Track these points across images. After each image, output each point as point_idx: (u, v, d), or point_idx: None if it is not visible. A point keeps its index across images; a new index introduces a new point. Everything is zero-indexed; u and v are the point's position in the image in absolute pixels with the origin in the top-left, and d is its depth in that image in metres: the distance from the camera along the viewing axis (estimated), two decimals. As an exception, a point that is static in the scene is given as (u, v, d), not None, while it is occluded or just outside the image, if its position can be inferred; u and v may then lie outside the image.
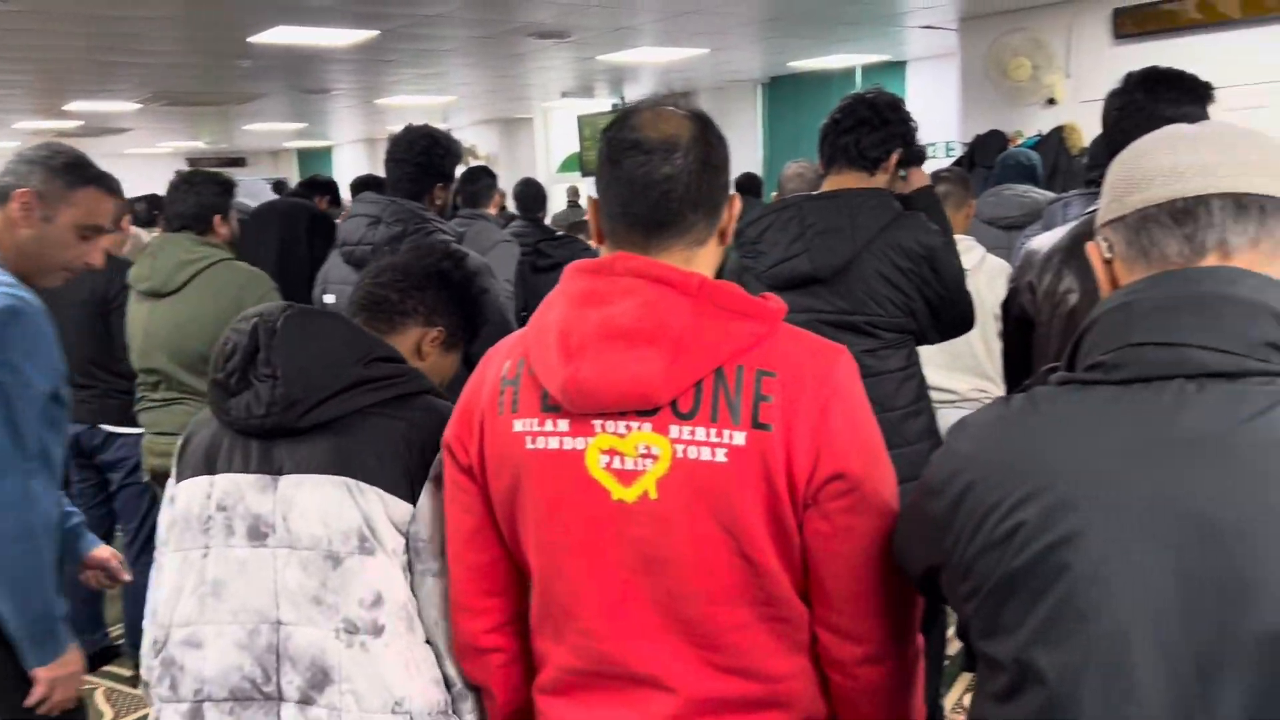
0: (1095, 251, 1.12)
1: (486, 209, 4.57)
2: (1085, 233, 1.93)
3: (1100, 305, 1.06)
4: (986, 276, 3.30)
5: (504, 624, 1.42)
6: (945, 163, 8.02)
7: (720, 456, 1.20)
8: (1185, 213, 1.02)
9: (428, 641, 1.51)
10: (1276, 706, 0.88)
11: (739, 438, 1.20)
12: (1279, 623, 0.88)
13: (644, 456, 1.22)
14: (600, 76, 10.62)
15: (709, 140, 1.27)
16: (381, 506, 1.48)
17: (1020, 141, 7.14)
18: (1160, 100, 2.06)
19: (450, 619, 1.46)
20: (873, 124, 2.44)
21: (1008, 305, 2.26)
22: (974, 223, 3.81)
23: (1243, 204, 1.01)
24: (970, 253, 3.29)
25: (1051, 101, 7.29)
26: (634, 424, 1.22)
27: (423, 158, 2.93)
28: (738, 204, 1.33)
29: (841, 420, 1.22)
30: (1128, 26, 6.87)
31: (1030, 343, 2.15)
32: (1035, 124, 7.32)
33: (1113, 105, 2.11)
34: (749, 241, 2.54)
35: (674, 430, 1.21)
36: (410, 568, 1.51)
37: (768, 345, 1.24)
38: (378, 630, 1.46)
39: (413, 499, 1.49)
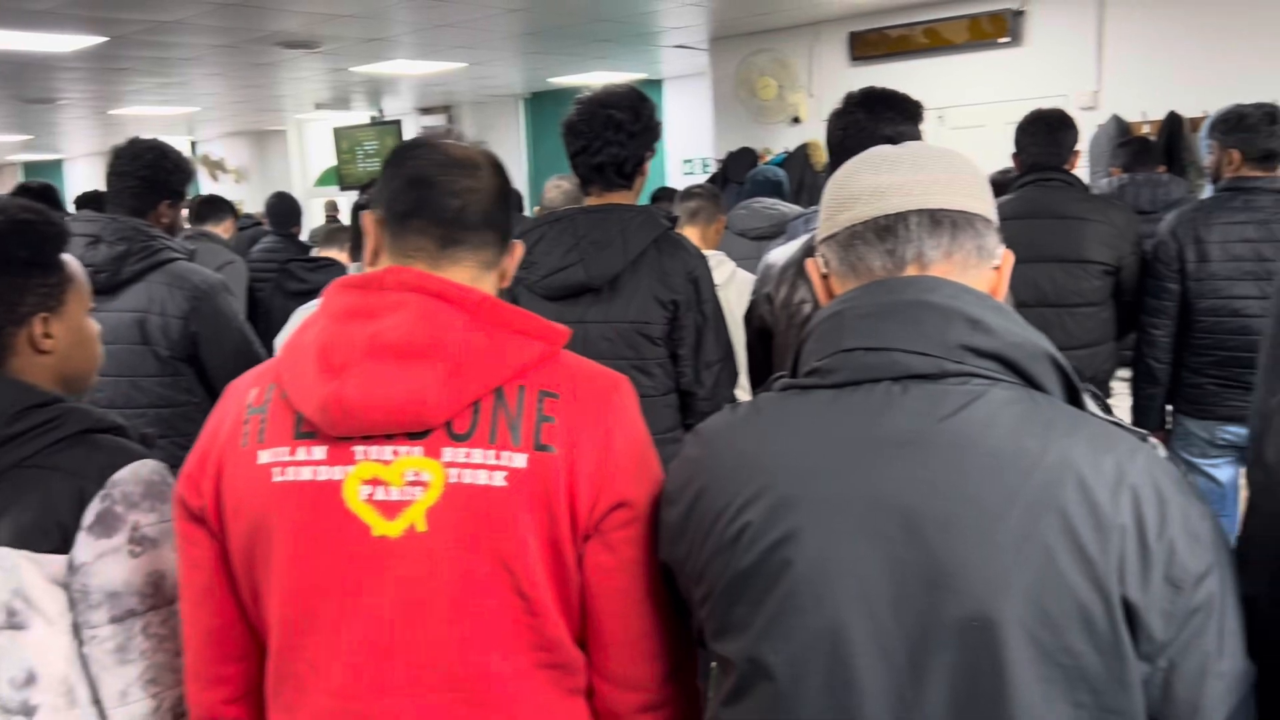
0: (814, 267, 1.17)
1: (216, 229, 4.36)
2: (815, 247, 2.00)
3: (818, 315, 1.11)
4: (737, 290, 3.41)
5: (246, 694, 1.27)
6: (702, 178, 8.30)
7: (499, 480, 1.13)
8: (887, 229, 1.08)
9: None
10: (977, 688, 0.94)
11: (519, 460, 1.13)
12: (976, 608, 0.93)
13: (412, 485, 1.13)
14: (356, 88, 10.33)
15: (504, 174, 1.27)
16: (36, 569, 1.30)
17: (769, 158, 7.47)
18: (880, 120, 2.16)
19: (185, 689, 1.31)
20: (620, 143, 2.43)
21: (749, 316, 2.33)
22: (727, 235, 3.95)
23: (937, 219, 1.08)
24: (721, 267, 3.38)
25: (796, 120, 7.66)
26: (402, 448, 1.14)
27: (148, 171, 2.73)
28: (519, 250, 1.31)
29: (626, 447, 1.19)
30: (863, 49, 7.32)
31: (770, 351, 2.22)
32: (782, 141, 7.68)
33: (837, 125, 2.21)
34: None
35: (447, 453, 1.13)
36: (76, 627, 1.33)
37: (551, 366, 1.20)
38: (29, 711, 1.30)
39: (68, 549, 1.31)
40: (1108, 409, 1.08)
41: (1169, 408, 3.26)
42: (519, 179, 10.54)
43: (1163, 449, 1.05)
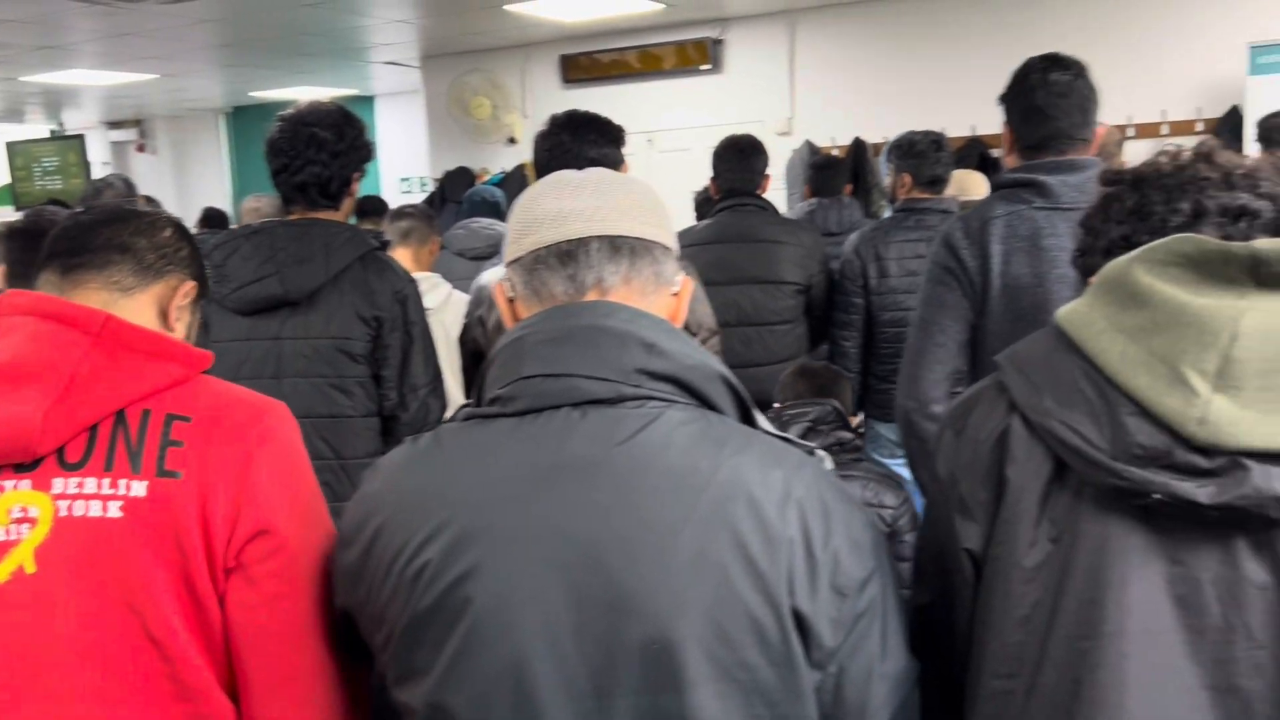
0: (501, 291, 1.15)
1: None
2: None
3: (500, 340, 1.10)
4: (454, 312, 3.36)
5: None
6: (420, 197, 8.16)
7: (113, 511, 1.06)
8: (569, 254, 1.09)
9: None
10: (659, 710, 0.95)
11: (138, 488, 1.07)
12: (655, 630, 0.95)
13: (18, 522, 1.05)
14: (32, 100, 9.43)
15: (145, 202, 1.20)
16: None
17: (487, 178, 7.45)
18: (584, 141, 2.20)
19: None
20: (323, 162, 2.33)
21: (463, 338, 2.30)
22: (445, 255, 3.89)
23: (617, 245, 1.09)
24: (436, 290, 3.32)
25: (512, 140, 7.70)
26: (8, 483, 1.05)
27: None
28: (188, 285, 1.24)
29: (270, 472, 1.14)
30: (575, 73, 7.45)
31: (485, 375, 2.20)
32: (500, 161, 7.69)
33: (543, 147, 2.23)
34: (214, 265, 2.34)
35: (57, 485, 1.06)
36: None
37: (187, 390, 1.14)
38: None
39: None
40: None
41: (861, 414, 3.51)
42: (221, 197, 9.95)
43: (830, 461, 1.11)
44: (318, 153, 2.31)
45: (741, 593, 0.95)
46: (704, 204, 4.77)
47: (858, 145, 6.34)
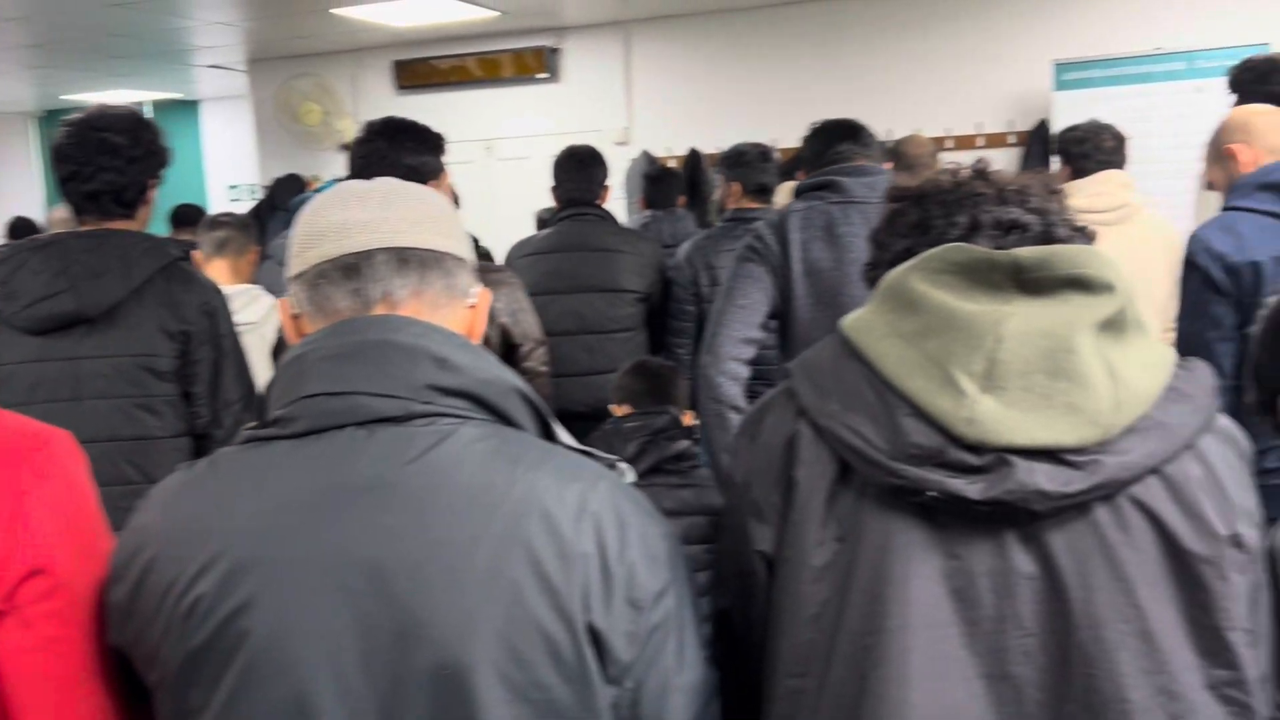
0: (285, 307, 1.10)
1: None
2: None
3: (282, 359, 1.04)
4: (275, 325, 3.23)
5: None
6: (250, 204, 7.85)
7: None
8: (352, 267, 1.04)
9: None
10: None
11: None
12: (446, 655, 0.91)
13: None
14: None
15: None
16: None
17: (318, 185, 7.22)
18: (402, 148, 2.16)
19: None
20: (118, 169, 2.19)
21: (275, 352, 2.20)
22: (272, 265, 3.73)
23: (404, 257, 1.05)
24: (256, 303, 3.18)
25: (345, 147, 7.48)
26: None
27: None
28: None
29: (47, 507, 1.04)
30: (409, 79, 7.31)
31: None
32: (332, 168, 7.46)
33: (358, 153, 2.17)
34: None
35: None
36: None
37: None
38: None
39: None
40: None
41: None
42: (34, 204, 9.36)
43: (632, 474, 1.10)
44: (111, 159, 2.17)
45: (535, 611, 0.93)
46: (550, 221, 4.75)
47: (693, 156, 6.42)
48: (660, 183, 4.62)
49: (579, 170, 3.50)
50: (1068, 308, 1.01)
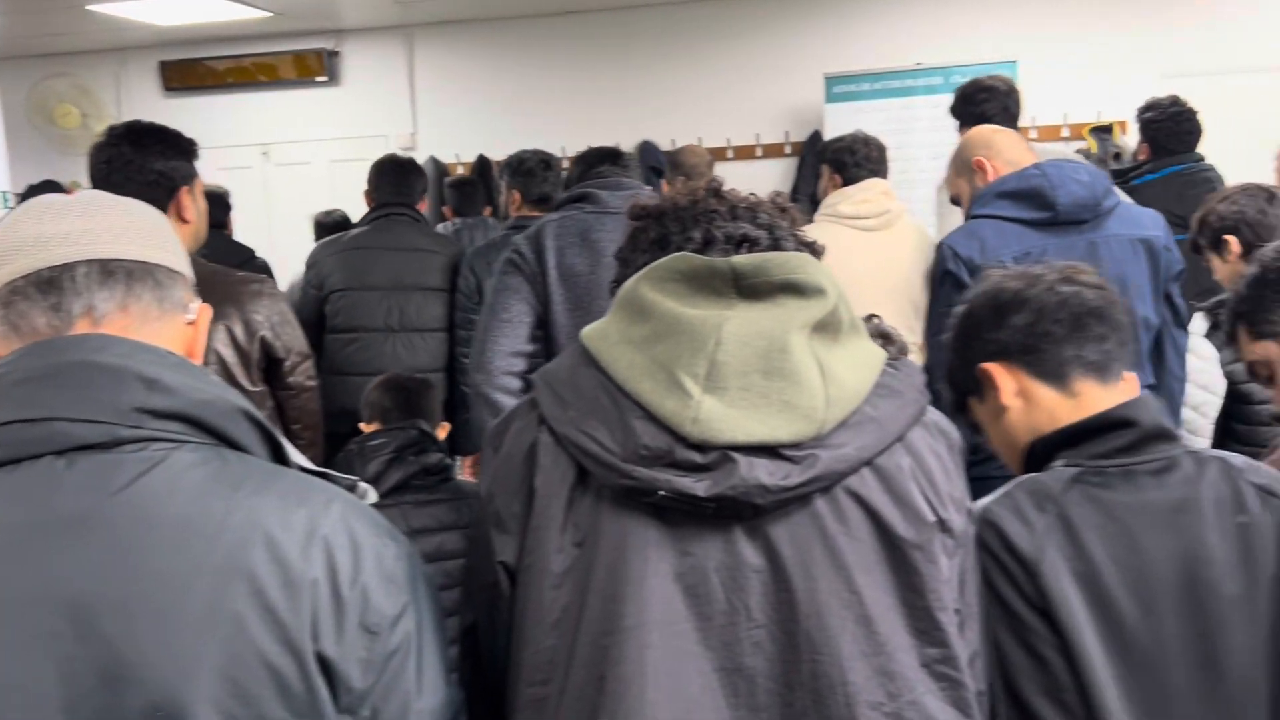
0: None
1: None
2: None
3: None
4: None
5: None
6: (3, 213, 7.24)
7: None
8: (50, 282, 0.98)
9: None
10: None
11: None
12: (161, 696, 0.86)
13: None
14: None
15: None
16: None
17: (78, 192, 6.75)
18: (148, 153, 2.06)
19: None
20: None
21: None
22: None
23: (109, 270, 0.99)
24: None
25: (107, 152, 7.03)
26: None
27: None
28: None
29: None
30: (177, 80, 6.94)
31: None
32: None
33: (99, 159, 2.05)
34: None
35: None
36: None
37: None
38: None
39: None
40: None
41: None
42: None
43: (374, 494, 1.07)
44: None
45: (259, 644, 0.88)
46: (330, 227, 4.61)
47: (481, 162, 6.36)
48: (464, 189, 4.63)
49: (400, 175, 3.61)
50: (782, 310, 1.06)
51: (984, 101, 3.33)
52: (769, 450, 1.01)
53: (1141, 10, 5.63)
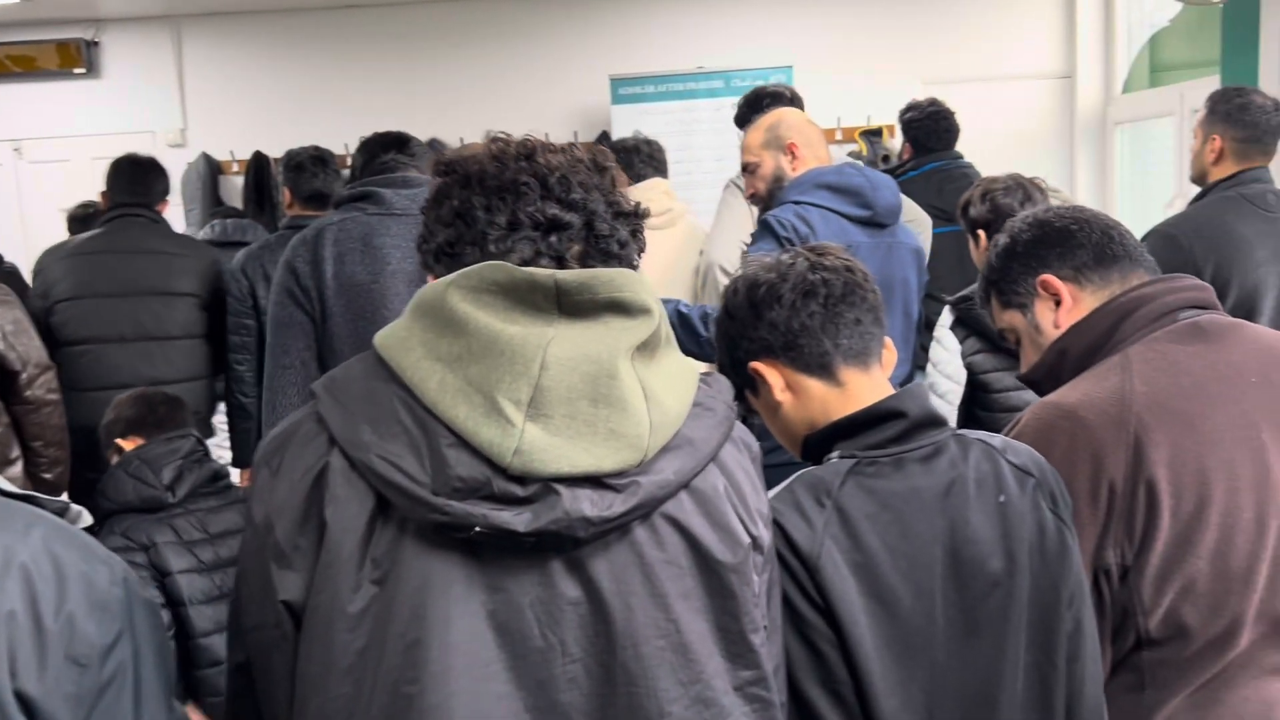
0: None
1: None
2: None
3: None
4: None
5: None
6: None
7: None
8: None
9: None
10: None
11: None
12: None
13: None
14: None
15: None
16: None
17: None
18: None
19: None
20: None
21: None
22: None
23: None
24: None
25: None
26: None
27: None
28: None
29: None
30: (-90, 69, 6.32)
31: None
32: None
33: None
34: None
35: None
36: None
37: None
38: None
39: None
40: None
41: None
42: None
43: (87, 517, 0.99)
44: None
45: None
46: (86, 220, 4.30)
47: (258, 159, 6.09)
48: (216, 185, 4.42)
49: (137, 175, 3.38)
50: (609, 331, 0.99)
51: (768, 107, 3.43)
52: (592, 480, 0.96)
53: (906, 21, 5.96)
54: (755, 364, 1.40)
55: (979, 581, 1.27)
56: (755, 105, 3.42)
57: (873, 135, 5.64)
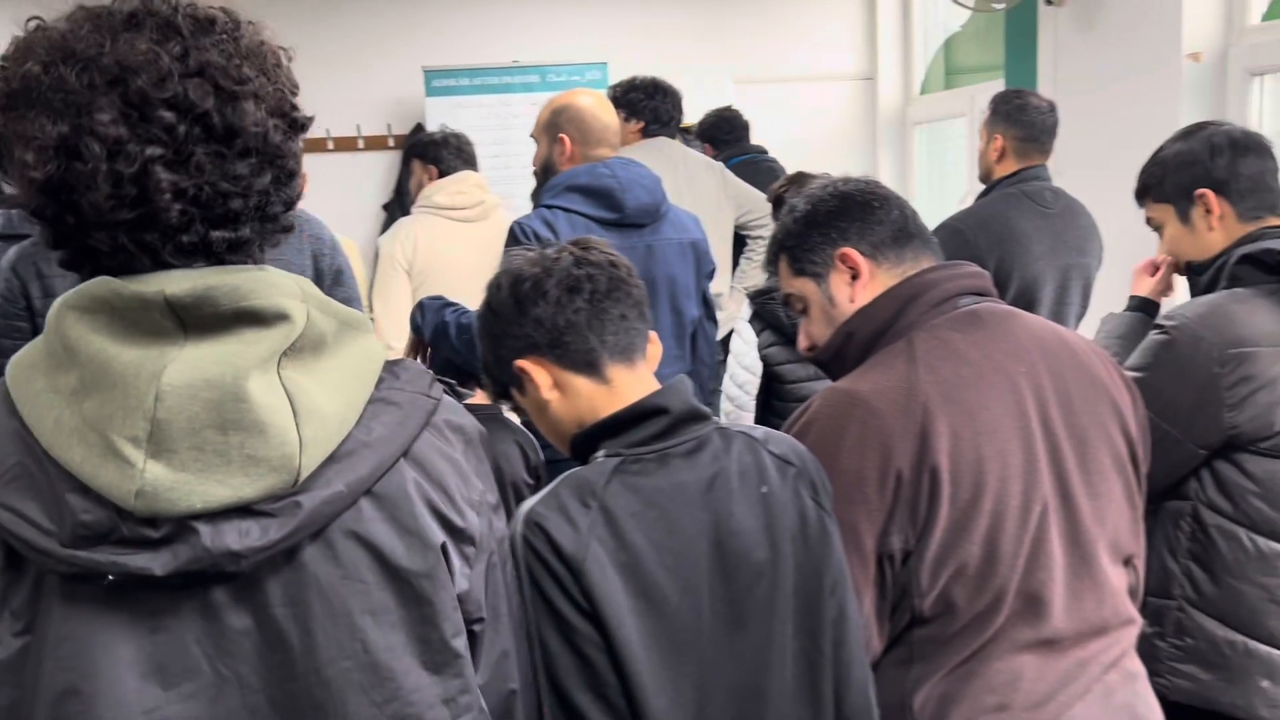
0: None
1: None
2: None
3: None
4: None
5: None
6: None
7: None
8: None
9: None
10: None
11: None
12: None
13: None
14: None
15: None
16: None
17: None
18: None
19: None
20: None
21: None
22: None
23: None
24: None
25: None
26: None
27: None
28: None
29: None
30: None
31: None
32: None
33: None
34: None
35: None
36: None
37: None
38: None
39: None
40: None
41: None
42: None
43: None
44: None
45: None
46: None
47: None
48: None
49: None
50: (240, 346, 0.89)
51: (641, 104, 3.43)
52: (241, 510, 0.88)
53: (717, 21, 6.09)
54: (521, 362, 1.37)
55: (744, 572, 1.29)
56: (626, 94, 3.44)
57: (685, 132, 5.73)
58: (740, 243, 3.94)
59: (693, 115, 5.78)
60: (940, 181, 5.95)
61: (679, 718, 1.22)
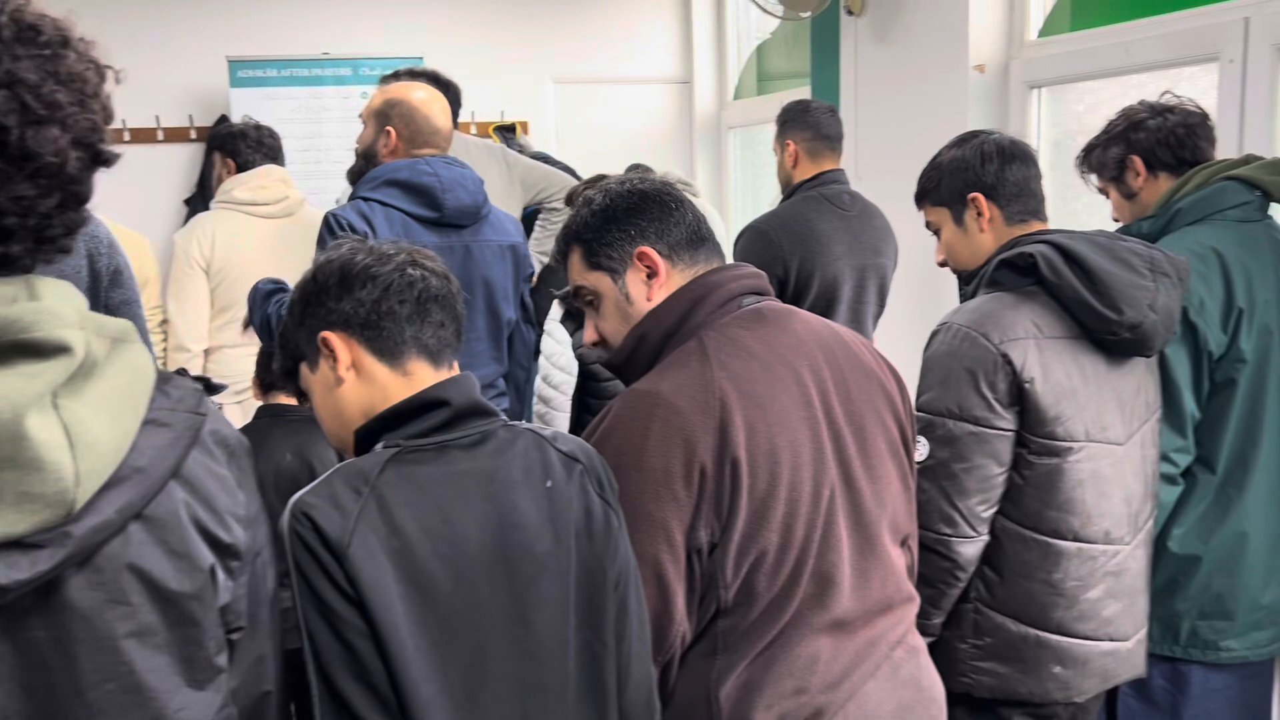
0: None
1: None
2: None
3: None
4: None
5: None
6: None
7: None
8: None
9: None
10: None
11: None
12: None
13: None
14: None
15: None
16: None
17: None
18: None
19: None
20: None
21: None
22: None
23: None
24: None
25: None
26: None
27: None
28: None
29: None
30: None
31: None
32: None
33: None
34: None
35: None
36: None
37: None
38: None
39: None
40: None
41: None
42: None
43: None
44: None
45: None
46: None
47: None
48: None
49: None
50: (19, 380, 0.88)
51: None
52: (10, 544, 0.88)
53: (535, 20, 6.07)
54: (328, 334, 1.36)
55: (527, 565, 1.30)
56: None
57: (507, 131, 5.70)
58: (533, 218, 3.93)
59: (515, 115, 5.78)
60: (754, 183, 6.12)
61: (448, 706, 1.22)
